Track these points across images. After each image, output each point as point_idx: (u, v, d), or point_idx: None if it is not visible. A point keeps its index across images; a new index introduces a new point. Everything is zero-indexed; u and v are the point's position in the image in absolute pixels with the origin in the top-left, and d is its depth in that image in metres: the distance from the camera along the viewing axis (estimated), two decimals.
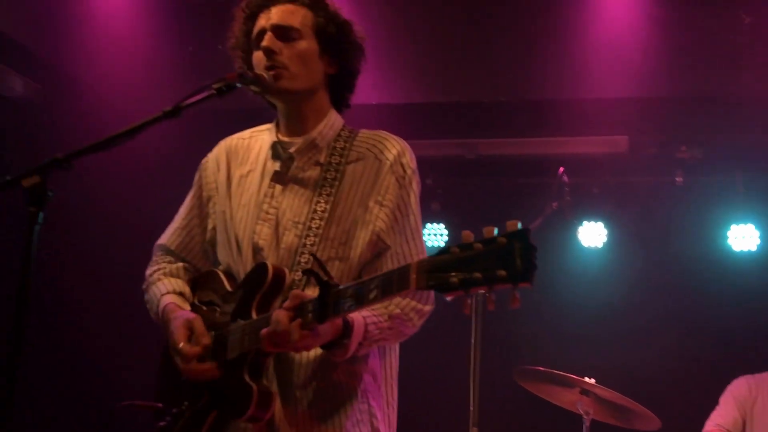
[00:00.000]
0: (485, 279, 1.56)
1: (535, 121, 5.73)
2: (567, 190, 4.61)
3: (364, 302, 1.83)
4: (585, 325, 5.83)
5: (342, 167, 2.29)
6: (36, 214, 1.83)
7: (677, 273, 5.86)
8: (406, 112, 5.57)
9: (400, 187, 2.28)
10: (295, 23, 2.31)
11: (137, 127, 2.00)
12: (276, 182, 2.32)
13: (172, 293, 2.39)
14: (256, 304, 2.15)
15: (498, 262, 1.55)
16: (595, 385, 4.06)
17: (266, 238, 2.26)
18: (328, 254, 2.20)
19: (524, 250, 1.53)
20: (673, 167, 5.94)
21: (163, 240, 2.51)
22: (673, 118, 5.54)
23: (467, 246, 1.60)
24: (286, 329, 1.91)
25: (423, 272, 1.67)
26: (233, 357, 2.14)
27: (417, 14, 5.45)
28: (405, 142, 2.37)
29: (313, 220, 2.23)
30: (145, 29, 5.47)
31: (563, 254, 6.02)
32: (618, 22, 5.10)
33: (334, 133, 2.37)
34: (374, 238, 2.23)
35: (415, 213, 2.30)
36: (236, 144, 2.49)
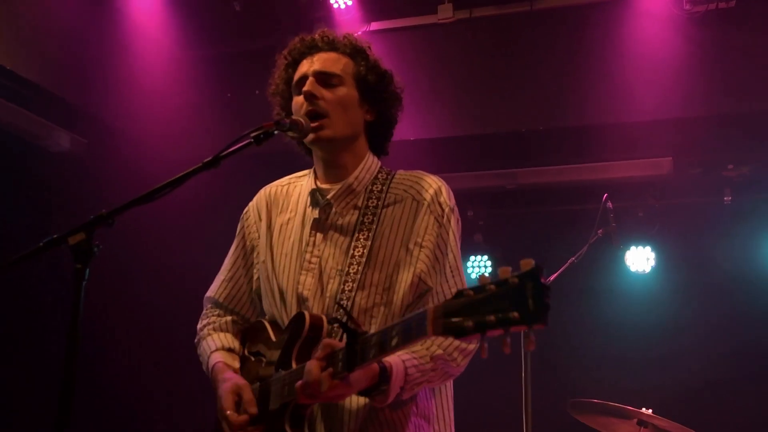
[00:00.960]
0: (498, 322, 1.51)
1: (575, 147, 5.69)
2: (612, 216, 4.53)
3: (387, 349, 1.80)
4: (637, 352, 5.70)
5: (379, 210, 2.28)
6: (82, 271, 1.86)
7: (728, 294, 5.72)
8: (444, 145, 5.58)
9: (439, 226, 2.26)
10: (336, 70, 2.33)
11: (177, 180, 2.03)
12: (316, 230, 2.32)
13: (221, 350, 2.39)
14: (296, 354, 2.14)
15: (510, 303, 1.50)
16: (653, 416, 3.94)
17: (310, 287, 2.26)
18: (373, 300, 2.19)
19: (536, 290, 1.47)
20: (720, 186, 5.84)
21: (211, 293, 2.53)
22: (717, 137, 5.44)
23: (481, 288, 1.56)
24: (317, 379, 1.89)
25: (439, 318, 1.63)
26: (275, 408, 2.13)
27: (452, 49, 5.50)
28: (442, 180, 2.36)
29: (351, 265, 2.22)
30: (185, 79, 5.62)
31: (611, 280, 5.92)
32: (656, 43, 5.07)
33: (370, 176, 2.36)
34: (416, 280, 2.21)
35: (454, 251, 2.27)
36: (275, 192, 2.50)
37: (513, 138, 5.60)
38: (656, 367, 5.58)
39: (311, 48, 2.39)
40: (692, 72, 5.07)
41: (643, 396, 4.30)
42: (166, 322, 5.45)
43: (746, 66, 5.05)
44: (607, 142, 5.54)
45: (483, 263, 6.37)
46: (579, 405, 4.23)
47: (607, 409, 4.10)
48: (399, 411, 2.19)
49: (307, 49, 2.39)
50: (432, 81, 5.40)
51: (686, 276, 5.88)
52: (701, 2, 5.02)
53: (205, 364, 2.41)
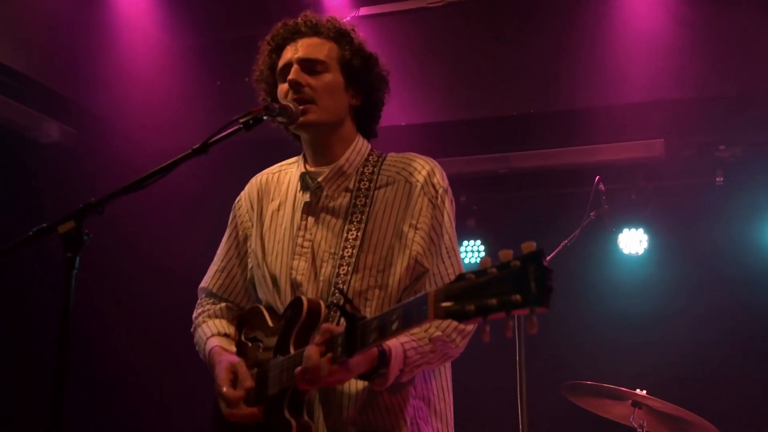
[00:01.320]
0: (500, 305, 1.50)
1: (567, 130, 5.68)
2: (604, 199, 4.54)
3: (387, 334, 1.79)
4: (630, 334, 5.72)
5: (371, 192, 2.28)
6: (73, 260, 1.85)
7: (722, 276, 5.72)
8: (435, 130, 5.57)
9: (433, 207, 2.25)
10: (320, 56, 2.32)
11: (167, 167, 2.02)
12: (307, 214, 2.31)
13: (217, 335, 2.40)
14: (294, 339, 2.14)
15: (513, 286, 1.49)
16: (647, 396, 3.96)
17: (304, 272, 2.25)
18: (367, 283, 2.19)
19: (538, 273, 1.46)
20: (712, 168, 5.84)
21: (204, 283, 2.53)
22: (708, 118, 5.44)
23: (482, 272, 1.56)
24: (316, 364, 1.89)
25: (440, 301, 1.62)
26: (273, 393, 2.13)
27: (441, 32, 5.47)
28: (434, 161, 2.35)
29: (345, 248, 2.21)
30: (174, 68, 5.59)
31: (604, 263, 5.94)
32: (647, 24, 5.05)
33: (361, 158, 2.36)
34: (412, 262, 2.20)
35: (449, 232, 2.27)
36: (266, 179, 2.50)
37: (505, 122, 5.59)
38: (650, 349, 5.60)
39: (294, 33, 2.37)
40: (683, 53, 5.05)
41: (636, 378, 4.32)
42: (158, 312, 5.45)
43: (738, 47, 5.04)
44: (599, 125, 5.53)
45: (476, 248, 6.37)
46: (573, 387, 4.25)
47: (601, 391, 4.12)
48: (398, 394, 2.19)
49: (290, 34, 2.37)
50: (422, 66, 5.38)
51: (679, 258, 5.89)
52: None
53: (202, 350, 2.41)
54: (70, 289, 1.84)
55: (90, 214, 1.93)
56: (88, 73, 5.28)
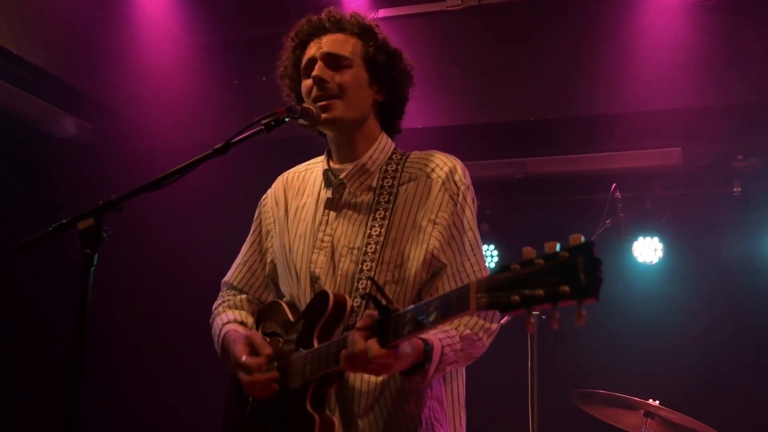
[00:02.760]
0: (548, 296, 1.47)
1: (584, 137, 5.64)
2: (620, 207, 4.51)
3: (425, 326, 1.76)
4: (643, 343, 5.68)
5: (395, 189, 2.27)
6: (91, 256, 1.85)
7: (736, 286, 5.69)
8: (452, 133, 5.55)
9: (454, 204, 2.23)
10: (345, 52, 2.31)
11: (187, 166, 2.02)
12: (329, 209, 2.32)
13: (233, 322, 2.40)
14: (318, 333, 2.13)
15: (561, 277, 1.46)
16: (660, 407, 3.93)
17: (322, 266, 2.25)
18: (384, 278, 2.17)
19: (588, 264, 1.43)
20: (729, 177, 5.79)
21: (227, 277, 2.55)
22: (727, 127, 5.39)
23: (528, 262, 1.52)
24: (362, 348, 1.83)
25: (482, 292, 1.60)
26: (295, 387, 2.11)
27: (460, 36, 5.45)
28: (456, 159, 2.33)
29: (369, 245, 2.20)
30: (192, 66, 5.60)
31: (618, 272, 5.89)
32: (666, 32, 5.02)
33: (384, 156, 2.35)
34: (428, 257, 2.19)
35: (473, 228, 2.25)
36: (292, 177, 2.51)
37: (521, 127, 5.56)
38: (663, 359, 5.56)
39: (318, 29, 2.36)
40: (703, 61, 5.02)
41: (649, 387, 4.28)
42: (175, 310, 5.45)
43: (757, 56, 5.00)
44: (616, 132, 5.50)
45: (489, 252, 6.35)
46: (585, 395, 4.22)
47: (613, 400, 4.09)
48: (415, 394, 2.16)
49: (314, 30, 2.37)
50: (440, 69, 5.36)
51: (694, 267, 5.84)
52: None
53: (217, 336, 2.39)
54: (88, 285, 1.84)
55: (109, 212, 1.93)
56: (106, 68, 5.29)
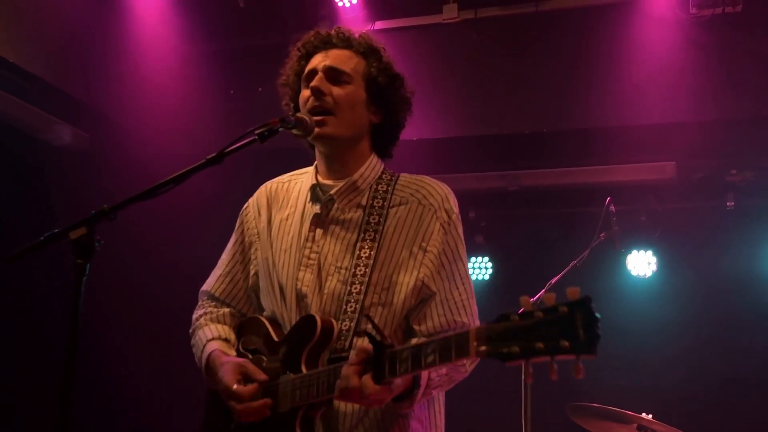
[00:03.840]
0: (547, 349, 1.54)
1: (578, 150, 5.66)
2: (614, 220, 4.51)
3: (421, 366, 1.81)
4: (637, 357, 5.67)
5: (385, 211, 2.27)
6: (83, 266, 1.84)
7: (730, 300, 5.69)
8: (447, 146, 5.56)
9: (445, 233, 2.25)
10: (346, 68, 2.32)
11: (181, 175, 2.02)
12: (316, 226, 2.30)
13: (217, 339, 2.37)
14: (305, 358, 2.13)
15: (560, 332, 1.52)
16: (653, 420, 3.92)
17: (309, 284, 2.24)
18: (370, 300, 2.18)
19: (587, 320, 1.51)
20: (723, 191, 5.81)
21: (207, 287, 2.51)
22: (721, 141, 5.42)
23: (528, 315, 1.58)
24: (357, 384, 1.88)
25: (482, 340, 1.66)
26: (284, 410, 2.12)
27: (456, 49, 5.48)
28: (448, 187, 2.35)
29: (358, 266, 2.20)
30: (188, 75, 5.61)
31: (612, 284, 5.89)
32: (661, 46, 5.06)
33: (375, 175, 2.35)
34: (419, 284, 2.20)
35: (463, 259, 2.27)
36: (276, 188, 2.48)
37: (516, 139, 5.58)
38: (656, 372, 5.56)
39: (326, 43, 2.38)
40: (697, 76, 5.05)
41: (642, 401, 4.28)
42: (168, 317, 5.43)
43: (752, 70, 5.03)
44: (611, 145, 5.52)
45: (484, 264, 6.36)
46: (578, 409, 4.21)
47: (606, 414, 4.08)
48: (397, 415, 2.18)
49: (321, 43, 2.38)
50: (435, 81, 5.38)
51: (688, 281, 5.84)
52: (707, 6, 5.00)
53: (199, 353, 2.37)
54: (80, 295, 1.83)
55: (102, 221, 1.93)
56: (102, 77, 5.30)
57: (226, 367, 2.21)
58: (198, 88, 5.61)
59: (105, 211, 1.93)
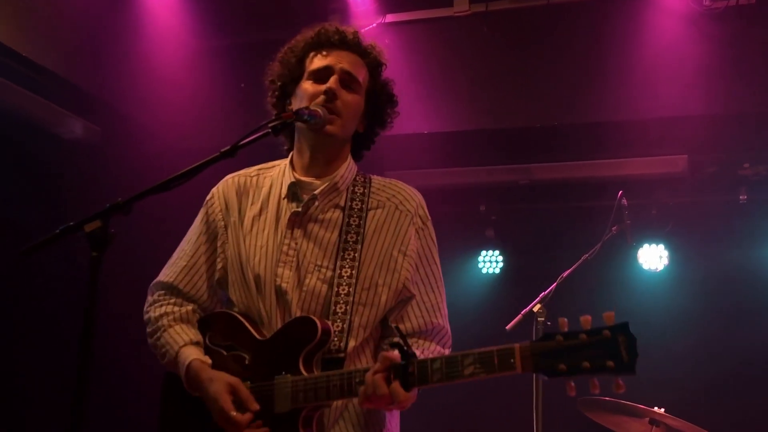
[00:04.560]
0: (593, 369, 1.74)
1: (590, 143, 5.64)
2: (626, 214, 4.49)
3: (458, 377, 1.92)
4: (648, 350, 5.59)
5: (364, 213, 2.34)
6: (98, 259, 1.85)
7: (741, 294, 5.67)
8: (458, 139, 5.54)
9: (420, 238, 2.36)
10: (360, 77, 2.39)
11: (195, 168, 2.02)
12: (293, 224, 2.32)
13: (190, 344, 2.32)
14: (303, 359, 2.16)
15: (604, 353, 1.74)
16: (665, 414, 3.92)
17: (288, 280, 2.27)
18: (356, 299, 2.25)
19: (629, 343, 1.73)
20: (735, 185, 5.78)
21: (166, 278, 2.44)
22: (733, 135, 5.38)
23: (572, 335, 1.79)
24: (386, 392, 1.97)
25: (528, 357, 1.82)
26: (283, 411, 2.14)
27: (467, 41, 5.46)
28: (419, 193, 2.45)
29: (344, 268, 2.26)
30: (199, 68, 5.61)
31: (623, 278, 5.88)
32: (674, 39, 5.02)
33: (351, 176, 2.42)
34: (400, 286, 2.30)
35: (437, 263, 2.40)
36: (244, 182, 2.47)
37: (527, 133, 5.56)
38: (668, 366, 5.54)
39: (341, 42, 2.40)
40: (710, 69, 5.01)
41: (654, 395, 4.26)
42: None
43: (764, 64, 4.99)
44: (622, 139, 5.49)
45: (494, 258, 6.35)
46: (590, 403, 4.20)
47: (618, 407, 4.08)
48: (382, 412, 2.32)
49: (337, 41, 2.40)
50: (446, 74, 5.37)
51: (699, 275, 5.83)
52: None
53: (172, 358, 2.31)
54: (96, 288, 1.84)
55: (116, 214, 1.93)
56: (113, 71, 5.30)
57: (215, 386, 2.19)
58: (208, 82, 5.61)
59: (120, 204, 1.93)
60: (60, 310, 4.91)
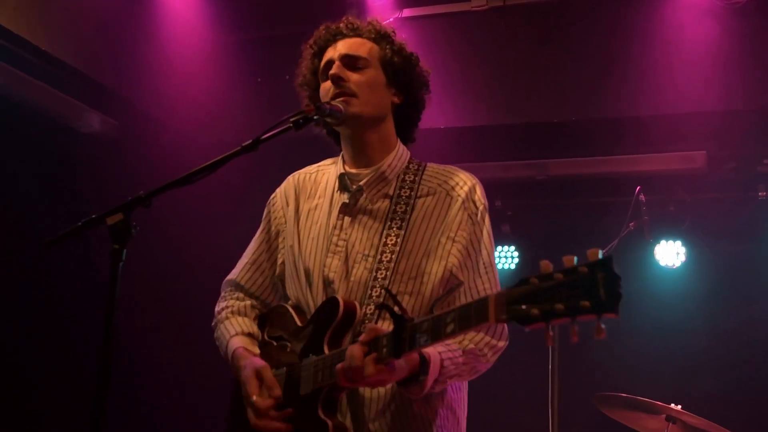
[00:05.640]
0: (568, 310, 1.50)
1: (607, 139, 5.60)
2: (644, 209, 4.47)
3: (441, 336, 1.78)
4: (665, 347, 5.64)
5: (412, 201, 2.29)
6: (120, 251, 1.86)
7: (761, 291, 5.61)
8: (474, 134, 5.53)
9: (472, 223, 2.27)
10: (362, 53, 2.36)
11: (217, 162, 2.03)
12: (344, 214, 2.32)
13: (241, 335, 2.38)
14: (328, 339, 2.13)
15: (580, 292, 1.48)
16: (682, 411, 3.90)
17: (336, 270, 2.26)
18: (397, 288, 2.19)
19: (608, 280, 1.46)
20: (754, 181, 5.73)
21: (233, 276, 2.53)
22: (753, 131, 5.33)
23: (547, 276, 1.55)
24: (360, 364, 1.88)
25: (502, 304, 1.63)
26: (306, 393, 2.12)
27: (484, 36, 5.44)
28: (476, 178, 2.37)
29: (384, 253, 2.22)
30: (216, 63, 5.63)
31: (640, 275, 5.85)
32: (694, 33, 4.97)
33: (401, 165, 2.37)
34: (447, 274, 2.22)
35: (488, 248, 2.29)
36: (304, 178, 2.51)
37: (544, 128, 5.54)
38: (685, 363, 5.52)
39: (336, 35, 2.41)
40: (730, 64, 4.97)
41: (671, 391, 4.25)
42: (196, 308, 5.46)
43: None
44: (640, 135, 5.45)
45: (510, 254, 6.33)
46: (606, 398, 4.19)
47: (634, 404, 4.06)
48: (429, 403, 2.19)
49: (331, 36, 2.41)
50: (464, 69, 5.35)
51: (716, 272, 5.78)
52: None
53: (224, 348, 2.39)
54: (116, 281, 1.85)
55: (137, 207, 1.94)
56: (132, 65, 5.32)
57: (246, 371, 2.22)
58: (226, 76, 5.62)
59: (141, 197, 1.95)
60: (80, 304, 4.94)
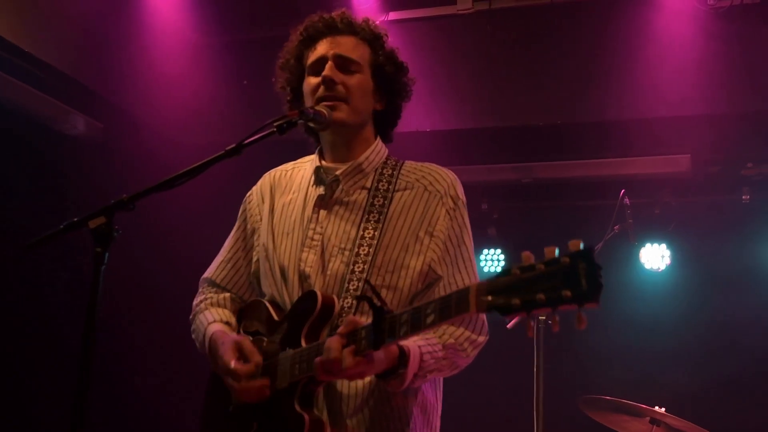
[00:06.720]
0: (549, 300, 1.49)
1: (593, 142, 5.63)
2: (629, 213, 4.49)
3: (421, 327, 1.77)
4: (650, 350, 5.67)
5: (390, 194, 2.28)
6: (102, 255, 1.85)
7: (743, 294, 5.66)
8: (460, 137, 5.54)
9: (450, 219, 2.26)
10: (356, 56, 2.33)
11: (200, 166, 2.02)
12: (320, 207, 2.31)
13: (219, 322, 2.36)
14: (305, 333, 2.12)
15: (562, 282, 1.48)
16: (666, 414, 3.92)
17: (312, 264, 2.24)
18: (374, 281, 2.17)
19: (589, 270, 1.46)
20: (738, 185, 5.77)
21: (208, 274, 2.51)
22: (736, 135, 5.37)
23: (528, 267, 1.54)
24: (338, 356, 1.86)
25: (483, 294, 1.62)
26: (283, 386, 2.10)
27: (470, 39, 5.45)
28: (454, 174, 2.36)
29: (362, 246, 2.20)
30: (202, 65, 5.61)
31: (625, 277, 5.87)
32: (678, 38, 5.01)
33: (380, 159, 2.37)
34: (426, 268, 2.21)
35: (466, 244, 2.28)
36: (280, 175, 2.50)
37: (530, 132, 5.56)
38: (669, 365, 5.54)
39: (330, 28, 2.37)
40: (714, 68, 5.00)
41: (655, 394, 4.27)
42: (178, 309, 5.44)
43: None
44: (625, 138, 5.49)
45: (496, 257, 6.34)
46: (591, 402, 4.20)
47: (619, 407, 4.08)
48: (403, 397, 2.18)
49: (326, 28, 2.38)
50: (449, 72, 5.36)
51: (701, 275, 5.82)
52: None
53: (200, 336, 2.36)
54: (98, 284, 1.83)
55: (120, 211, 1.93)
56: (117, 67, 5.30)
57: (225, 346, 2.20)
58: (211, 78, 5.61)
59: (124, 200, 1.93)
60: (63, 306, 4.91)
